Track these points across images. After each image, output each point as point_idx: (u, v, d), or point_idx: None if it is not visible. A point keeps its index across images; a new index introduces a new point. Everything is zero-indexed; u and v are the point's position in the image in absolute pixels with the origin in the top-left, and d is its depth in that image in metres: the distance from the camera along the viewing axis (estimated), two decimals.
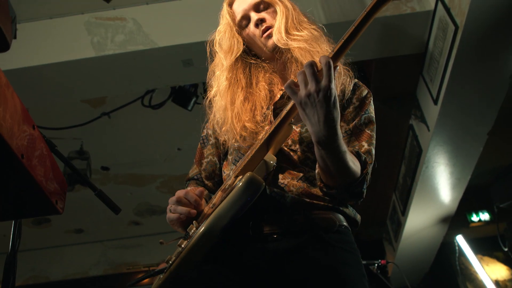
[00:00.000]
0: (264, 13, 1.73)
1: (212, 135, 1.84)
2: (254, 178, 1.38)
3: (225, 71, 1.72)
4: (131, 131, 5.45)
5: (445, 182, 4.91)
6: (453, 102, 3.84)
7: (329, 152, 1.35)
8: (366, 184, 1.50)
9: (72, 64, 3.78)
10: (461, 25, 3.30)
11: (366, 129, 1.60)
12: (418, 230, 5.77)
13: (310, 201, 1.50)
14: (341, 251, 1.47)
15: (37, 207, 1.21)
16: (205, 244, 1.38)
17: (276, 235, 1.47)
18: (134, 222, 7.17)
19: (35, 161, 1.08)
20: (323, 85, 1.24)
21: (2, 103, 0.94)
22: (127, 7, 3.89)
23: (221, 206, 1.39)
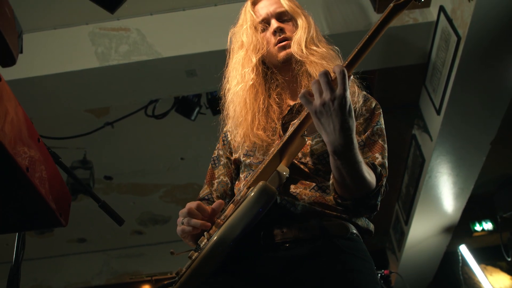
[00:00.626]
0: (285, 24, 1.73)
1: (223, 155, 1.83)
2: (267, 187, 1.37)
3: (252, 69, 1.71)
4: (135, 140, 5.46)
5: (448, 192, 4.91)
6: (456, 112, 3.85)
7: (345, 162, 1.34)
8: (380, 196, 1.50)
9: (76, 74, 3.80)
10: (464, 36, 3.31)
11: (379, 140, 1.60)
12: (421, 239, 5.75)
13: (321, 210, 1.49)
14: (354, 258, 1.45)
15: (41, 220, 1.21)
16: (217, 256, 1.36)
17: (288, 243, 1.46)
18: (137, 231, 7.16)
19: (40, 174, 1.09)
20: (338, 94, 1.23)
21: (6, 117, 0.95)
22: (131, 17, 3.92)
23: (234, 216, 1.37)
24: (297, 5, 1.79)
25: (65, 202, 1.25)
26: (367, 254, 1.51)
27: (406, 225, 5.63)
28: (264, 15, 1.74)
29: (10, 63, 0.96)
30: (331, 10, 3.75)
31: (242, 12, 1.82)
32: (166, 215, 6.88)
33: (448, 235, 5.70)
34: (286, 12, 1.74)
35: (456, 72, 3.52)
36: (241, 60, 1.75)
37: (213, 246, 1.36)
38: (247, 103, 1.68)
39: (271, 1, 1.77)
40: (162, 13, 3.94)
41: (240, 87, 1.71)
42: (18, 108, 1.01)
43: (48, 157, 1.19)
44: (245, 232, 1.37)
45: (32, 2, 3.70)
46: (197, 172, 6.00)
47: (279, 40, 1.70)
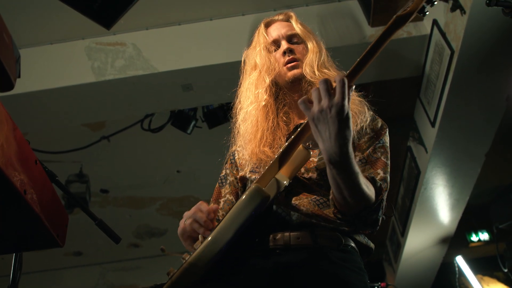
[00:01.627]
0: (295, 46, 1.78)
1: (230, 174, 1.85)
2: (260, 190, 1.39)
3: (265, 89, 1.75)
4: (131, 154, 5.46)
5: (444, 203, 4.92)
6: (450, 124, 3.87)
7: (340, 171, 1.34)
8: (382, 211, 1.50)
9: (73, 89, 3.81)
10: (457, 50, 3.34)
11: (382, 157, 1.61)
12: (418, 251, 5.75)
13: (317, 222, 1.50)
14: (345, 269, 1.45)
15: (39, 241, 1.22)
16: (208, 257, 1.37)
17: (278, 250, 1.47)
18: (133, 244, 7.14)
19: (37, 195, 1.10)
20: (336, 101, 1.24)
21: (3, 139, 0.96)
22: (127, 32, 3.94)
23: (226, 218, 1.39)
24: (309, 30, 1.85)
25: (62, 223, 1.26)
26: (360, 266, 1.51)
27: (403, 236, 5.63)
28: (276, 37, 1.80)
29: (8, 88, 0.98)
30: (326, 25, 3.79)
31: (255, 34, 1.88)
32: (163, 228, 6.86)
33: (445, 246, 5.70)
34: (297, 35, 1.80)
35: (450, 85, 3.55)
36: (254, 81, 1.79)
37: (205, 247, 1.37)
38: (258, 122, 1.72)
39: (283, 24, 1.84)
40: (158, 27, 3.97)
41: (253, 107, 1.75)
42: (16, 132, 1.02)
43: (46, 178, 1.20)
44: (238, 234, 1.38)
45: (28, 17, 3.71)
46: (194, 185, 6.01)
47: (288, 61, 1.74)
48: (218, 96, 4.07)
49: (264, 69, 1.77)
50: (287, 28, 1.82)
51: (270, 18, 1.90)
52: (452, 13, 3.31)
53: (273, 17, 1.90)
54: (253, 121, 1.73)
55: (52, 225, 1.16)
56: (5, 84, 0.97)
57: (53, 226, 1.17)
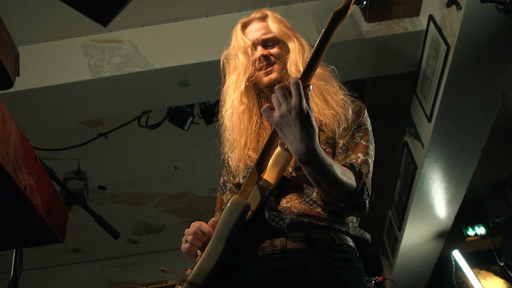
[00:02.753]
0: (271, 49, 1.78)
1: (228, 181, 1.87)
2: (238, 200, 1.44)
3: (241, 93, 1.76)
4: (128, 151, 5.47)
5: (441, 198, 4.95)
6: (447, 120, 3.89)
7: (313, 168, 1.36)
8: (366, 194, 1.51)
9: (70, 87, 3.81)
10: (453, 45, 3.36)
11: (361, 141, 1.63)
12: (415, 245, 5.78)
13: (309, 221, 1.52)
14: (340, 270, 1.46)
15: (39, 237, 1.23)
16: (206, 270, 1.43)
17: (276, 255, 1.49)
18: (131, 241, 7.16)
19: (37, 192, 1.11)
20: (294, 104, 1.25)
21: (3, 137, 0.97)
22: (123, 29, 3.93)
23: (215, 231, 1.45)
24: (288, 27, 1.83)
25: (62, 219, 1.27)
26: (356, 265, 1.52)
27: (400, 231, 5.66)
28: (252, 40, 1.80)
29: (7, 86, 0.99)
30: (322, 20, 3.80)
31: (233, 35, 1.87)
32: (160, 224, 6.88)
33: (441, 241, 5.73)
34: (273, 38, 1.78)
35: (446, 80, 3.56)
36: (233, 84, 1.80)
37: (202, 262, 1.44)
38: (241, 127, 1.72)
39: (259, 26, 1.82)
40: (154, 24, 3.97)
41: (231, 112, 1.76)
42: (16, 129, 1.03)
43: (45, 174, 1.21)
44: (230, 244, 1.44)
45: (25, 15, 3.71)
46: (191, 181, 6.02)
47: (261, 67, 1.75)
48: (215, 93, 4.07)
49: (242, 73, 1.77)
50: (263, 30, 1.80)
51: (246, 18, 1.88)
52: (448, 9, 3.32)
53: (249, 17, 1.88)
54: (235, 126, 1.74)
55: (52, 221, 1.17)
56: (5, 82, 0.98)
57: (53, 222, 1.18)
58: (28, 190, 1.04)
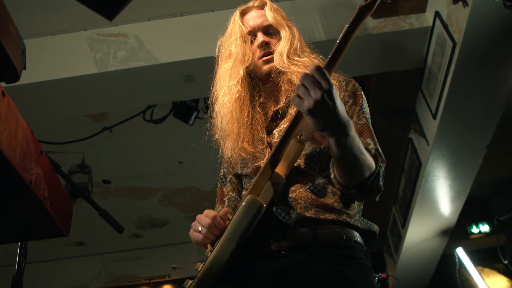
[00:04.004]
0: (270, 38, 1.76)
1: (227, 172, 1.86)
2: (254, 200, 1.42)
3: (239, 80, 1.73)
4: (133, 145, 5.48)
5: (445, 195, 4.94)
6: (452, 116, 3.88)
7: (351, 144, 1.37)
8: (381, 177, 1.52)
9: (75, 80, 3.82)
10: (459, 42, 3.34)
11: (367, 123, 1.63)
12: (418, 242, 5.78)
13: (316, 217, 1.51)
14: (347, 267, 1.45)
15: (44, 230, 1.24)
16: (216, 269, 1.42)
17: (283, 251, 1.48)
18: (135, 235, 7.18)
19: (43, 186, 1.11)
20: (326, 88, 1.26)
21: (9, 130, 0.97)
22: (129, 23, 3.93)
23: (227, 229, 1.43)
24: (282, 16, 1.81)
25: (67, 213, 1.27)
26: (364, 262, 1.50)
27: (403, 228, 5.65)
28: (252, 27, 1.77)
29: (13, 79, 0.99)
30: (328, 16, 3.78)
31: (230, 22, 1.84)
32: (164, 218, 6.90)
33: (445, 238, 5.72)
34: (271, 26, 1.76)
35: (451, 77, 3.55)
36: (228, 71, 1.76)
37: (212, 260, 1.42)
38: (233, 116, 1.70)
39: (259, 13, 1.80)
40: (159, 19, 3.96)
41: (227, 99, 1.73)
42: (22, 122, 1.04)
43: (51, 168, 1.21)
44: (242, 242, 1.42)
45: (30, 8, 3.71)
46: (195, 175, 6.03)
47: (263, 54, 1.73)
48: None
49: (239, 59, 1.74)
50: (263, 18, 1.78)
51: (245, 6, 1.85)
52: (455, 5, 3.30)
53: (248, 5, 1.85)
54: (228, 114, 1.72)
55: (57, 214, 1.18)
56: (11, 76, 0.98)
57: (58, 215, 1.18)
58: (33, 183, 1.05)
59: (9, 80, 0.98)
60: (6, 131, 0.94)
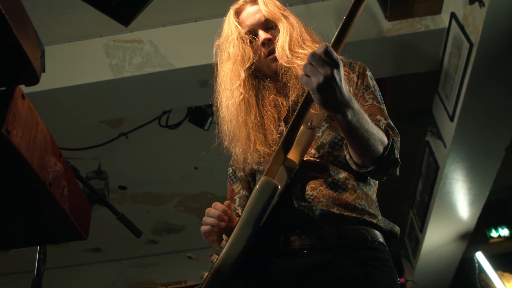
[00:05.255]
0: (271, 32, 1.70)
1: (237, 170, 1.84)
2: (268, 181, 1.40)
3: (241, 83, 1.68)
4: (148, 151, 5.50)
5: (463, 198, 4.88)
6: (469, 118, 3.84)
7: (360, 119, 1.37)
8: (396, 150, 1.50)
9: (91, 87, 3.85)
10: (476, 43, 3.31)
11: (374, 102, 1.61)
12: (437, 247, 5.71)
13: (340, 213, 1.48)
14: (372, 269, 1.43)
15: (63, 233, 1.24)
16: (234, 256, 1.41)
17: (305, 250, 1.46)
18: (151, 240, 7.19)
19: (62, 188, 1.11)
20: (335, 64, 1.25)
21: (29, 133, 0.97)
22: (144, 29, 3.96)
23: (242, 215, 1.42)
24: (277, 6, 1.75)
25: (86, 216, 1.27)
26: (389, 263, 1.49)
27: (421, 232, 5.59)
28: (250, 26, 1.71)
29: (33, 82, 0.99)
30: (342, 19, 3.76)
31: (225, 23, 1.78)
32: (180, 224, 6.90)
33: (464, 242, 5.65)
34: (269, 20, 1.71)
35: (468, 78, 3.51)
36: (229, 73, 1.71)
37: (229, 246, 1.41)
38: (240, 119, 1.66)
39: (254, 10, 1.74)
40: (174, 24, 3.99)
41: (231, 103, 1.69)
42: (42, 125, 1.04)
43: (70, 171, 1.21)
44: (258, 227, 1.40)
45: (47, 16, 3.75)
46: (211, 181, 6.03)
47: (269, 52, 1.68)
48: None
49: (239, 61, 1.69)
50: (259, 14, 1.71)
51: (238, 5, 1.78)
52: (471, 6, 3.27)
53: (240, 2, 1.78)
54: (234, 118, 1.68)
55: (76, 217, 1.18)
56: (31, 78, 0.99)
57: (77, 218, 1.18)
58: (52, 185, 1.05)
59: (29, 83, 0.98)
60: (26, 134, 0.94)
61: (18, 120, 0.91)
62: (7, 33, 0.84)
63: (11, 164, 0.93)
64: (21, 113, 0.93)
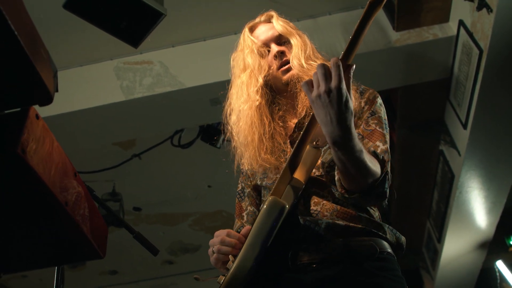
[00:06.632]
0: (284, 47, 1.76)
1: (245, 186, 1.86)
2: (276, 201, 1.41)
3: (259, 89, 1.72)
4: (162, 171, 5.51)
5: (480, 207, 4.82)
6: (483, 125, 3.80)
7: (345, 153, 1.35)
8: (387, 183, 1.49)
9: (103, 109, 3.89)
10: (485, 49, 3.30)
11: (377, 127, 1.61)
12: (456, 257, 5.63)
13: (345, 224, 1.49)
14: (383, 279, 1.44)
15: (80, 253, 1.24)
16: (241, 276, 1.39)
17: (315, 264, 1.46)
18: (167, 261, 7.17)
19: (78, 207, 1.12)
20: (333, 85, 1.25)
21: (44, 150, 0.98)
22: (153, 50, 4.00)
23: (250, 235, 1.42)
24: (291, 25, 1.82)
25: (102, 235, 1.27)
26: (398, 273, 1.49)
27: (439, 242, 5.52)
28: (264, 41, 1.77)
29: (47, 102, 1.00)
30: (350, 32, 3.77)
31: (241, 39, 1.85)
32: (196, 243, 6.88)
33: (483, 251, 5.57)
34: (282, 35, 1.77)
35: (480, 85, 3.49)
36: (246, 81, 1.76)
37: (236, 267, 1.39)
38: (254, 123, 1.69)
39: (268, 26, 1.81)
40: (183, 44, 4.02)
41: (247, 106, 1.72)
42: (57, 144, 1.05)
43: (85, 190, 1.22)
44: (265, 248, 1.40)
45: (59, 42, 3.81)
46: (225, 199, 6.01)
47: (281, 64, 1.73)
48: None
49: (256, 69, 1.74)
50: (273, 30, 1.78)
51: (253, 22, 1.87)
52: (479, 12, 3.27)
53: (255, 21, 1.87)
54: (248, 121, 1.71)
55: (93, 236, 1.18)
56: (44, 98, 1.00)
57: (94, 237, 1.19)
58: (69, 204, 1.05)
59: (42, 103, 0.99)
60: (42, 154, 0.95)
61: (33, 140, 0.92)
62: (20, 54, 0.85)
63: (27, 184, 0.94)
64: (36, 132, 0.94)
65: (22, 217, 1.05)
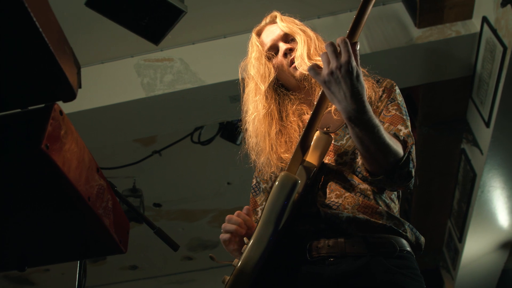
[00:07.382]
0: (292, 44, 1.77)
1: (261, 181, 1.86)
2: (288, 175, 1.42)
3: (262, 97, 1.75)
4: (182, 167, 5.55)
5: (503, 206, 4.75)
6: (506, 123, 3.75)
7: (362, 128, 1.36)
8: (412, 164, 1.48)
9: (124, 106, 3.93)
10: (510, 46, 3.25)
11: (397, 112, 1.61)
12: (477, 257, 5.57)
13: (366, 219, 1.48)
14: (403, 277, 1.43)
15: (102, 247, 1.25)
16: (256, 257, 1.39)
17: (333, 258, 1.46)
18: (187, 257, 7.22)
19: (101, 200, 1.13)
20: (343, 61, 1.27)
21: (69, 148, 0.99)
22: (174, 47, 4.02)
23: (263, 213, 1.42)
24: (295, 22, 1.83)
25: (124, 230, 1.28)
26: (417, 272, 1.49)
27: (460, 242, 5.46)
28: (271, 43, 1.79)
29: (70, 98, 1.02)
30: (371, 29, 3.75)
31: (249, 45, 1.89)
32: (215, 240, 6.91)
33: (505, 251, 5.49)
34: (287, 34, 1.79)
35: (504, 82, 3.44)
36: (251, 91, 1.81)
37: (251, 247, 1.40)
38: (264, 131, 1.71)
39: (273, 28, 1.83)
40: (203, 41, 4.04)
41: (254, 117, 1.76)
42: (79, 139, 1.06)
43: (108, 185, 1.23)
44: (279, 225, 1.40)
45: (80, 39, 3.85)
46: (244, 196, 5.99)
47: (291, 61, 1.74)
48: None
49: (258, 77, 1.76)
50: (278, 30, 1.80)
51: (259, 26, 1.89)
52: (503, 9, 3.22)
53: (261, 24, 1.89)
54: (258, 131, 1.73)
55: (116, 232, 1.19)
56: (68, 94, 1.01)
57: (116, 232, 1.20)
58: (92, 199, 1.06)
59: (66, 99, 1.00)
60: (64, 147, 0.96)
61: (57, 136, 0.93)
62: (45, 51, 0.86)
63: (51, 179, 0.95)
64: (60, 129, 0.95)
65: (45, 212, 1.07)
